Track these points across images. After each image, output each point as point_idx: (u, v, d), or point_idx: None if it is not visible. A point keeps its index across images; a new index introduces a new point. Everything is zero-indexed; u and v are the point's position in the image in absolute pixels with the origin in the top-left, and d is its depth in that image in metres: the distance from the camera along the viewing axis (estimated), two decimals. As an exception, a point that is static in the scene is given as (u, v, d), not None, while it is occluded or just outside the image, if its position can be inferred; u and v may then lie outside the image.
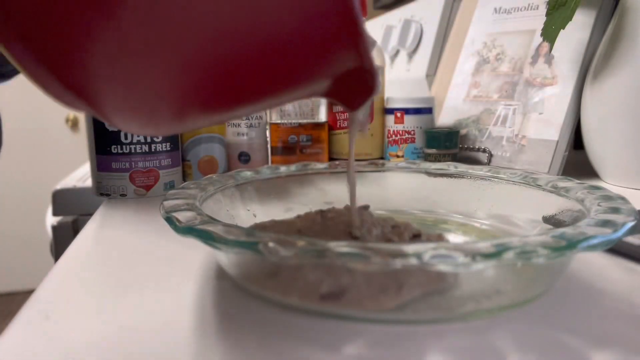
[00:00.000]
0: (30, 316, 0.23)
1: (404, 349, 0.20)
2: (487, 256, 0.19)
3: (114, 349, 0.20)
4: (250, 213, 0.36)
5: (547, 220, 0.31)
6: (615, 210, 0.25)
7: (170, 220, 0.24)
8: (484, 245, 0.19)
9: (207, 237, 0.22)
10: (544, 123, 0.56)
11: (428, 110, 0.63)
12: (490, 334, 0.21)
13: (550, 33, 0.51)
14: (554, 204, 0.32)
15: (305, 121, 0.62)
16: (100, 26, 0.11)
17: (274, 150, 0.62)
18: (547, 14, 0.52)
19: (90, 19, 0.11)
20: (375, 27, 1.08)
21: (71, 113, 2.30)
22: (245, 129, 0.60)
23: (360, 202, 0.30)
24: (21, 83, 2.20)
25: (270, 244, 0.20)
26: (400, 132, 0.63)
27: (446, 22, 0.87)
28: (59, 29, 0.11)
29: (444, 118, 0.69)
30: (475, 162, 0.62)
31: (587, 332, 0.21)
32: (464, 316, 0.22)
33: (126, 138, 0.48)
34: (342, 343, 0.20)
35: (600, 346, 0.20)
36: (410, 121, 0.63)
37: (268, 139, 0.63)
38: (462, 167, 0.40)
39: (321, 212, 0.30)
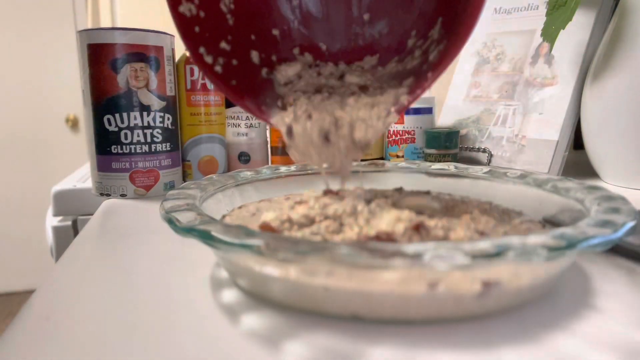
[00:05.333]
0: (30, 316, 0.23)
1: (404, 346, 0.20)
2: (488, 256, 0.19)
3: (114, 349, 0.20)
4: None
5: (547, 220, 0.31)
6: (615, 211, 0.25)
7: (170, 220, 0.24)
8: (484, 245, 0.19)
9: (207, 237, 0.22)
10: (544, 123, 0.56)
11: (428, 110, 0.63)
12: (490, 334, 0.21)
13: (550, 33, 0.51)
14: (554, 204, 0.32)
15: (305, 121, 0.62)
16: None
17: (274, 150, 0.62)
18: (547, 14, 0.52)
19: None
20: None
21: (71, 113, 2.30)
22: (245, 129, 0.60)
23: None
24: (21, 83, 2.21)
25: (271, 244, 0.20)
26: (400, 132, 0.63)
27: (446, 22, 0.87)
28: None
29: (444, 118, 0.69)
30: (475, 162, 0.62)
31: (587, 332, 0.21)
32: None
33: (126, 138, 0.48)
34: (344, 344, 0.20)
35: (600, 347, 0.20)
36: (410, 121, 0.63)
37: (268, 139, 0.63)
38: (462, 167, 0.40)
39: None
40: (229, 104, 0.59)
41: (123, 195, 0.49)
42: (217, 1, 0.36)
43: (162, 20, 1.93)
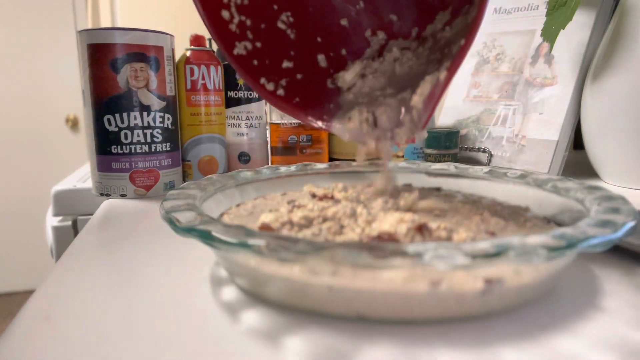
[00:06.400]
0: (31, 316, 0.23)
1: (406, 346, 0.20)
2: (488, 256, 0.19)
3: (113, 349, 0.20)
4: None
5: (547, 220, 0.31)
6: (615, 211, 0.25)
7: (170, 220, 0.24)
8: (484, 245, 0.19)
9: (207, 237, 0.22)
10: (544, 123, 0.56)
11: (428, 111, 0.63)
12: (491, 334, 0.21)
13: (550, 33, 0.51)
14: (554, 204, 0.32)
15: (305, 121, 0.62)
16: None
17: (274, 150, 0.62)
18: (547, 14, 0.52)
19: None
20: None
21: (71, 113, 2.30)
22: (245, 129, 0.60)
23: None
24: (21, 83, 2.21)
25: (271, 244, 0.20)
26: (400, 132, 0.63)
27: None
28: None
29: (444, 118, 0.69)
30: (475, 162, 0.62)
31: (587, 332, 0.21)
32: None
33: (126, 138, 0.48)
34: (345, 342, 0.20)
35: (600, 346, 0.20)
36: (410, 121, 0.63)
37: (268, 139, 0.63)
38: (462, 167, 0.40)
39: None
40: (229, 104, 0.59)
41: (123, 195, 0.49)
42: (273, 22, 0.36)
43: (162, 20, 1.94)
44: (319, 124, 0.35)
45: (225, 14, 0.34)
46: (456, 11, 0.35)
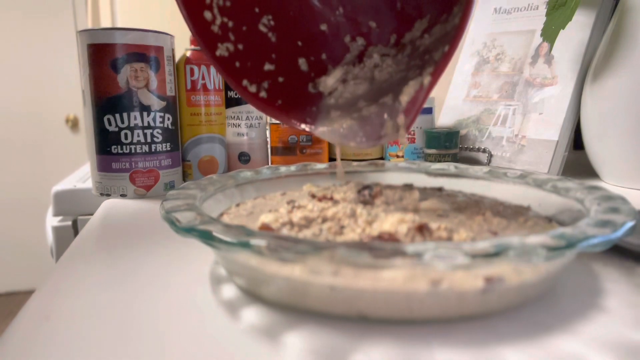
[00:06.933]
0: (31, 316, 0.23)
1: (406, 345, 0.20)
2: (487, 256, 0.19)
3: (114, 349, 0.20)
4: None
5: (549, 219, 0.31)
6: (615, 210, 0.25)
7: (170, 220, 0.24)
8: (484, 245, 0.19)
9: (207, 237, 0.22)
10: (544, 123, 0.56)
11: (428, 110, 0.64)
12: (490, 334, 0.21)
13: (550, 33, 0.51)
14: (553, 204, 0.32)
15: (305, 121, 0.62)
16: None
17: (274, 150, 0.62)
18: (547, 14, 0.52)
19: None
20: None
21: (71, 113, 2.30)
22: (245, 129, 0.60)
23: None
24: (21, 83, 2.21)
25: (271, 244, 0.20)
26: (400, 132, 0.63)
27: (446, 22, 0.87)
28: None
29: (444, 118, 0.69)
30: (475, 162, 0.62)
31: (587, 332, 0.21)
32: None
33: (126, 138, 0.48)
34: (345, 340, 0.20)
35: (600, 346, 0.20)
36: (410, 121, 0.63)
37: (268, 139, 0.63)
38: (462, 167, 0.40)
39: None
40: (229, 104, 0.59)
41: (123, 195, 0.49)
42: (254, 25, 0.36)
43: (162, 20, 1.94)
44: (302, 126, 0.35)
45: (207, 15, 0.34)
46: (434, 20, 0.35)
